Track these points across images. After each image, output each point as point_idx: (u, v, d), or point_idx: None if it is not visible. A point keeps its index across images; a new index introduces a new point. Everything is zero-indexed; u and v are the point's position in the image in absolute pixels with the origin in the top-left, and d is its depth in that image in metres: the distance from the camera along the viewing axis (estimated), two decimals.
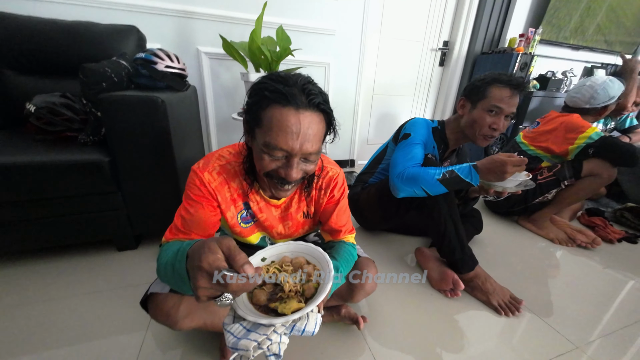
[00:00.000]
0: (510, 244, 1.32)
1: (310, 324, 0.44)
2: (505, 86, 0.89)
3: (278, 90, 0.48)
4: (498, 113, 0.91)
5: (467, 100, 0.98)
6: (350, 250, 0.72)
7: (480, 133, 0.95)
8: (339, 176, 0.71)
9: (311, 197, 0.71)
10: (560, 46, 2.40)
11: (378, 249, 1.20)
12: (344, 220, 0.73)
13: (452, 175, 0.84)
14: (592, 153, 1.22)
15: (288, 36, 1.32)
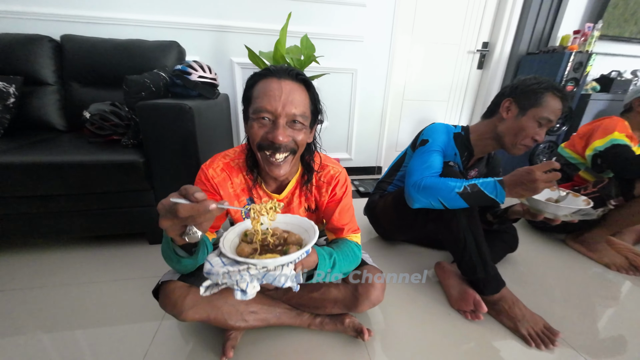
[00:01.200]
0: (551, 266, 1.15)
1: (281, 277, 0.47)
2: (560, 98, 0.83)
3: (264, 69, 0.59)
4: (545, 125, 0.84)
5: (515, 103, 0.87)
6: (352, 247, 0.71)
7: (522, 142, 0.88)
8: (341, 174, 0.73)
9: (312, 194, 0.73)
10: (629, 42, 2.08)
11: (395, 261, 1.14)
12: (346, 219, 0.73)
13: (474, 190, 0.77)
14: (601, 163, 1.08)
15: (312, 44, 1.35)
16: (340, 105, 1.98)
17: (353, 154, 2.14)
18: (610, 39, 2.01)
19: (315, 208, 0.76)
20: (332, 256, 0.63)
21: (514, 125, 0.87)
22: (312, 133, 0.67)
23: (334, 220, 0.73)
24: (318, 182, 0.72)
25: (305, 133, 0.61)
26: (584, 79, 1.81)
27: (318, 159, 0.73)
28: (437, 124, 0.98)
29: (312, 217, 0.77)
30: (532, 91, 0.83)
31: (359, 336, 0.74)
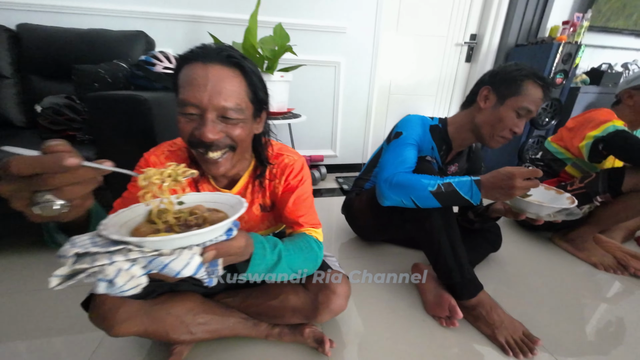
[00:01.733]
0: (538, 265, 1.10)
1: (177, 262, 0.34)
2: (541, 86, 0.76)
3: (187, 51, 0.50)
4: (525, 116, 0.78)
5: (493, 91, 0.81)
6: (310, 242, 0.63)
7: (500, 135, 0.81)
8: (296, 163, 0.66)
9: (265, 188, 0.66)
10: (620, 34, 2.03)
11: (371, 262, 1.08)
12: (302, 211, 0.66)
13: (448, 189, 0.70)
14: (602, 148, 1.00)
15: (286, 33, 1.27)
16: (323, 100, 1.90)
17: (338, 150, 2.07)
18: (600, 30, 1.96)
19: (272, 206, 0.69)
20: (276, 247, 0.54)
21: (492, 116, 0.80)
22: (261, 123, 0.60)
23: (288, 212, 0.65)
24: (271, 173, 0.66)
25: (244, 127, 0.53)
26: (574, 71, 1.75)
27: (274, 149, 0.66)
28: (413, 116, 0.91)
29: (269, 216, 0.70)
30: (512, 79, 0.77)
31: (320, 347, 0.67)
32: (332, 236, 1.26)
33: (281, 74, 1.25)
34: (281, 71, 1.29)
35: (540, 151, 1.29)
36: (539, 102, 0.77)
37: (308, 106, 1.87)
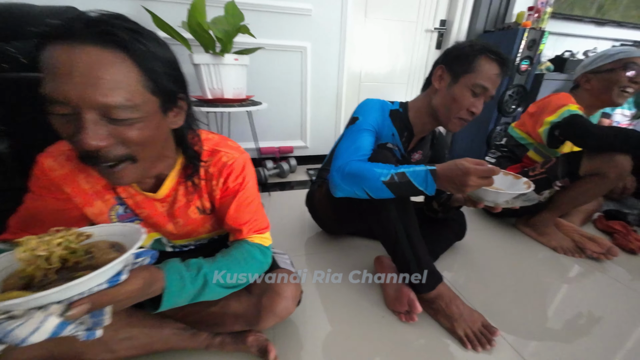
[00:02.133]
0: (501, 251, 1.09)
1: (23, 328, 0.29)
2: (496, 61, 0.70)
3: (52, 25, 0.35)
4: (481, 94, 0.72)
5: (447, 70, 0.75)
6: (251, 252, 0.57)
7: (457, 116, 0.76)
8: (236, 162, 0.56)
9: (201, 189, 0.57)
10: (581, 21, 2.08)
11: (335, 257, 1.02)
12: (245, 217, 0.58)
13: (402, 180, 0.64)
14: (558, 134, 1.01)
15: (240, 12, 1.16)
16: (291, 88, 1.81)
17: (309, 141, 1.99)
18: (562, 17, 1.99)
19: (214, 207, 0.60)
20: (200, 271, 0.48)
21: (447, 97, 0.75)
22: (179, 116, 0.47)
23: (229, 219, 0.58)
24: (207, 173, 0.56)
25: (145, 127, 0.40)
26: (538, 57, 1.76)
27: (209, 144, 0.56)
28: (370, 100, 0.85)
29: (211, 219, 0.61)
30: (465, 55, 0.71)
31: (264, 357, 0.61)
32: (297, 231, 1.19)
33: (235, 56, 1.14)
34: (236, 54, 1.18)
35: (505, 137, 1.29)
36: (494, 78, 0.71)
37: (274, 94, 1.77)
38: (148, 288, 0.41)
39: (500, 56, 0.70)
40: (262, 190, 1.58)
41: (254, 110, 1.28)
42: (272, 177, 1.80)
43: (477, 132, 1.98)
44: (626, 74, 0.97)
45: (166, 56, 0.42)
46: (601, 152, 0.93)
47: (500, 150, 1.29)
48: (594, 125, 0.95)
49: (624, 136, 0.90)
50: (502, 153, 1.29)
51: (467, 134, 2.09)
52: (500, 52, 0.70)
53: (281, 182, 1.74)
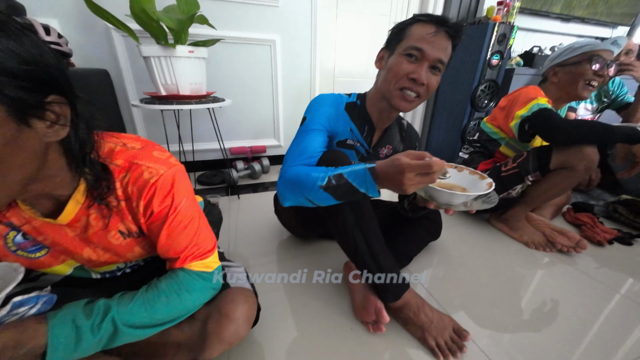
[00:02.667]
0: (477, 249, 1.08)
1: None
2: (428, 22, 0.63)
3: None
4: (419, 58, 0.63)
5: (385, 49, 0.71)
6: (188, 283, 0.49)
7: (397, 86, 0.67)
8: (161, 180, 0.45)
9: (122, 210, 0.47)
10: (547, 17, 2.12)
11: (304, 261, 0.96)
12: (182, 243, 0.49)
13: (340, 182, 0.55)
14: (528, 128, 1.00)
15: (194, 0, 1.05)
16: (261, 83, 1.71)
17: (282, 139, 1.91)
18: (530, 12, 2.02)
19: (142, 230, 0.50)
20: (107, 315, 0.41)
21: (385, 70, 0.69)
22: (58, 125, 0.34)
23: (160, 249, 0.49)
24: (125, 192, 0.45)
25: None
26: (508, 52, 1.77)
27: (123, 156, 0.45)
28: (322, 95, 0.77)
29: (141, 241, 0.51)
30: (398, 29, 0.67)
31: None
32: (268, 234, 1.11)
33: (190, 48, 1.04)
34: (193, 45, 1.07)
35: (477, 132, 1.27)
36: (429, 37, 0.62)
37: (243, 90, 1.68)
38: (15, 350, 0.33)
39: (431, 16, 0.64)
40: (232, 193, 1.48)
41: (217, 107, 1.18)
42: (243, 178, 1.70)
43: (452, 128, 1.98)
44: (591, 67, 0.97)
45: (17, 52, 0.30)
46: (569, 145, 0.93)
47: (473, 145, 1.28)
48: (562, 118, 0.94)
49: (589, 128, 0.89)
50: (474, 149, 1.27)
51: (442, 129, 2.08)
52: (432, 15, 0.64)
53: (253, 184, 1.65)
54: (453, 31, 0.64)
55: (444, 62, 0.65)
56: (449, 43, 0.64)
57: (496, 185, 1.09)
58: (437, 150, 2.16)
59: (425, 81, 0.65)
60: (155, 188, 0.45)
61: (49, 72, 0.33)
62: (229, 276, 0.61)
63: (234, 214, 1.29)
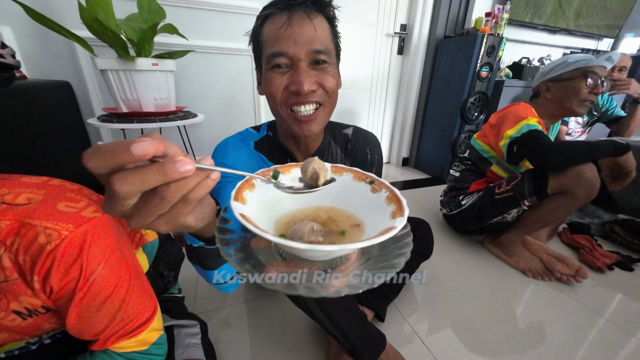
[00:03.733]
0: (470, 273, 1.00)
1: None
2: (276, 11, 0.45)
3: None
4: (289, 65, 0.47)
5: (257, 71, 0.55)
6: None
7: (283, 107, 0.50)
8: (64, 245, 0.34)
9: (11, 286, 0.35)
10: (535, 29, 2.10)
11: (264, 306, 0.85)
12: (98, 325, 0.39)
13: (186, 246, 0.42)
14: (517, 150, 0.95)
15: (160, 8, 0.96)
16: (242, 96, 1.62)
17: None
18: (518, 24, 2.00)
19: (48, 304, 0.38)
20: None
21: (266, 98, 0.52)
22: None
23: (72, 331, 0.38)
24: (15, 261, 0.34)
25: None
26: (497, 64, 1.73)
27: (10, 216, 0.34)
28: (225, 141, 0.60)
29: (44, 320, 0.39)
30: (252, 38, 0.52)
31: None
32: None
33: (154, 61, 0.94)
34: (157, 58, 0.97)
35: (468, 149, 1.20)
36: (283, 32, 0.44)
37: (222, 104, 1.58)
38: None
39: (277, 2, 0.46)
40: None
41: (187, 124, 1.08)
42: None
43: (442, 141, 1.92)
44: (587, 84, 0.91)
45: None
46: (563, 169, 0.86)
47: (464, 163, 1.20)
48: (550, 143, 0.88)
49: (577, 150, 0.85)
50: (465, 166, 1.20)
51: (432, 142, 2.02)
52: None
53: None
54: (314, 3, 0.45)
55: (325, 50, 0.47)
56: (318, 21, 0.46)
57: (490, 208, 1.03)
58: (427, 165, 2.09)
59: (314, 85, 0.47)
60: (53, 257, 0.34)
61: None
62: (176, 343, 0.50)
63: None
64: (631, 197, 1.36)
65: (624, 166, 0.88)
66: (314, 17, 0.46)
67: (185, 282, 0.85)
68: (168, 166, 0.18)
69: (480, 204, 1.06)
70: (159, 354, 0.44)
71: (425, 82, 1.99)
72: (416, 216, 0.96)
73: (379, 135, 2.23)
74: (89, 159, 0.17)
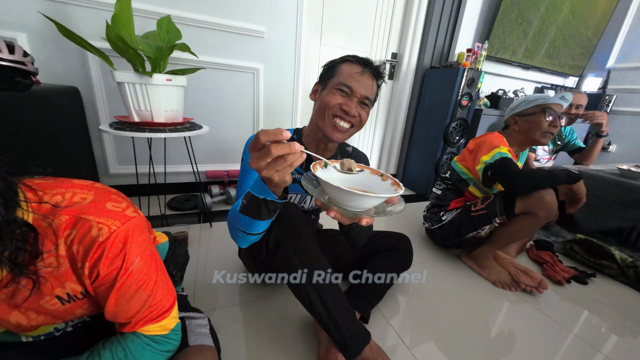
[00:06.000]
0: (447, 284, 1.10)
1: None
2: (355, 62, 0.72)
3: None
4: (349, 94, 0.71)
5: (319, 84, 0.78)
6: (136, 349, 0.45)
7: (330, 113, 0.71)
8: (112, 238, 0.41)
9: (61, 272, 0.41)
10: (510, 64, 2.35)
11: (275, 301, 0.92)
12: (131, 310, 0.45)
13: (247, 197, 0.56)
14: (491, 174, 1.09)
15: (177, 29, 1.06)
16: (242, 109, 1.71)
17: None
18: (495, 60, 2.22)
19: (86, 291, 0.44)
20: None
21: (320, 102, 0.74)
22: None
23: (108, 314, 0.45)
24: (69, 250, 0.40)
25: None
26: (477, 94, 1.92)
27: (73, 210, 0.40)
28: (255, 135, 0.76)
29: (85, 302, 0.46)
30: (329, 67, 0.76)
31: None
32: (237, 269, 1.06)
33: (168, 77, 1.02)
34: (171, 74, 1.06)
35: (449, 170, 1.33)
36: (357, 76, 0.70)
37: (223, 115, 1.66)
38: None
39: (358, 57, 0.73)
40: (204, 220, 1.42)
41: (195, 135, 1.15)
42: (217, 204, 1.64)
43: (426, 160, 2.07)
44: (546, 119, 1.07)
45: None
46: (527, 193, 1.00)
47: (445, 182, 1.33)
48: (519, 170, 1.02)
49: (539, 177, 1.00)
50: (447, 185, 1.32)
51: (417, 162, 2.18)
52: (358, 56, 0.74)
53: (228, 210, 1.60)
54: (376, 72, 0.74)
55: (370, 99, 0.73)
56: (374, 82, 0.73)
57: (467, 224, 1.15)
58: (412, 182, 2.24)
59: (357, 113, 0.72)
60: (103, 248, 0.40)
61: None
62: (188, 331, 0.56)
63: (205, 244, 1.22)
64: (589, 220, 1.53)
65: (577, 193, 1.03)
66: (374, 79, 0.73)
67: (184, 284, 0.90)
68: (293, 146, 0.42)
69: (458, 220, 1.18)
70: (176, 339, 0.51)
71: (413, 106, 2.17)
72: (402, 229, 1.06)
73: (369, 152, 2.37)
74: (261, 134, 0.41)
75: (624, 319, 1.00)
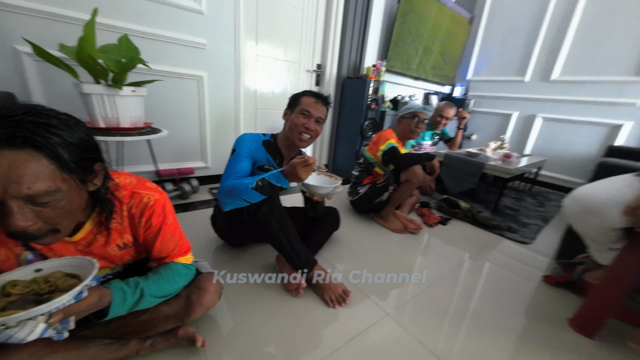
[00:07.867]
0: (366, 237, 1.60)
1: (22, 331, 0.41)
2: (312, 96, 1.12)
3: None
4: (308, 116, 1.09)
5: (288, 109, 1.17)
6: (177, 269, 0.73)
7: (297, 132, 1.10)
8: (157, 203, 0.68)
9: (124, 228, 0.67)
10: (404, 76, 3.08)
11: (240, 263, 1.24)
12: (170, 247, 0.73)
13: (264, 183, 0.92)
14: (386, 158, 1.64)
15: (135, 46, 1.22)
16: (189, 112, 1.89)
17: (209, 161, 2.09)
18: (394, 72, 2.90)
19: (135, 241, 0.70)
20: (137, 286, 0.63)
21: (290, 123, 1.13)
22: (97, 177, 0.55)
23: (156, 252, 0.71)
24: (129, 213, 0.66)
25: (68, 201, 0.49)
26: (382, 99, 2.53)
27: (128, 188, 0.65)
28: (246, 134, 1.14)
29: (130, 251, 0.71)
30: (294, 98, 1.15)
31: (193, 345, 0.77)
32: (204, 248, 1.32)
33: (132, 88, 1.19)
34: (133, 85, 1.23)
35: (362, 157, 1.84)
36: (312, 104, 1.09)
37: (172, 118, 1.81)
38: (100, 301, 0.55)
39: (313, 92, 1.13)
40: None
41: (156, 138, 1.33)
42: (173, 199, 1.80)
43: (350, 151, 2.61)
44: (414, 122, 1.66)
45: (80, 137, 0.48)
46: (406, 168, 1.57)
47: (360, 166, 1.84)
48: (401, 154, 1.59)
49: (411, 158, 1.59)
50: (361, 168, 1.83)
51: (342, 153, 2.70)
52: (313, 91, 1.13)
53: (184, 204, 1.78)
54: (325, 101, 1.14)
55: (323, 118, 1.14)
56: (324, 108, 1.14)
57: (373, 192, 1.68)
58: (340, 168, 2.75)
59: (314, 128, 1.11)
60: (153, 209, 0.68)
61: (95, 144, 0.54)
62: (198, 267, 0.85)
63: None
64: (452, 186, 2.28)
65: (433, 166, 1.66)
66: (324, 106, 1.14)
67: None
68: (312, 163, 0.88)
69: (369, 191, 1.69)
70: (193, 268, 0.79)
71: (336, 109, 2.66)
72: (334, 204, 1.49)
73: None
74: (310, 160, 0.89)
75: (468, 244, 1.67)
